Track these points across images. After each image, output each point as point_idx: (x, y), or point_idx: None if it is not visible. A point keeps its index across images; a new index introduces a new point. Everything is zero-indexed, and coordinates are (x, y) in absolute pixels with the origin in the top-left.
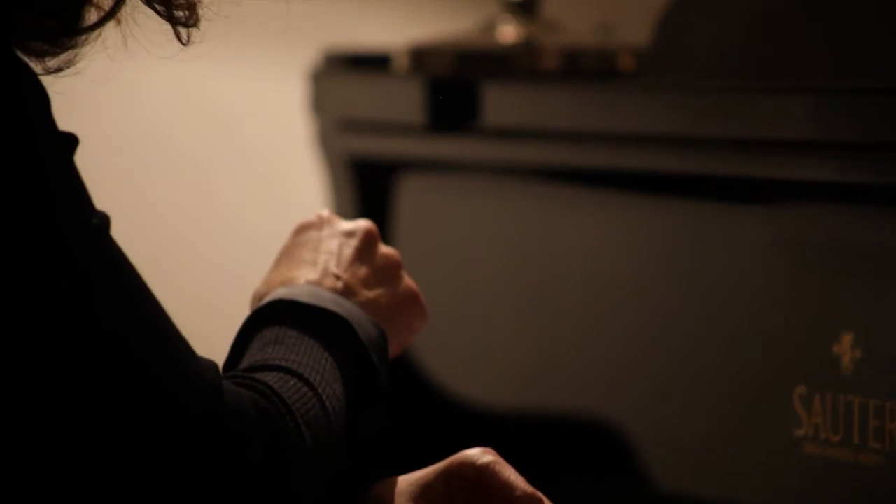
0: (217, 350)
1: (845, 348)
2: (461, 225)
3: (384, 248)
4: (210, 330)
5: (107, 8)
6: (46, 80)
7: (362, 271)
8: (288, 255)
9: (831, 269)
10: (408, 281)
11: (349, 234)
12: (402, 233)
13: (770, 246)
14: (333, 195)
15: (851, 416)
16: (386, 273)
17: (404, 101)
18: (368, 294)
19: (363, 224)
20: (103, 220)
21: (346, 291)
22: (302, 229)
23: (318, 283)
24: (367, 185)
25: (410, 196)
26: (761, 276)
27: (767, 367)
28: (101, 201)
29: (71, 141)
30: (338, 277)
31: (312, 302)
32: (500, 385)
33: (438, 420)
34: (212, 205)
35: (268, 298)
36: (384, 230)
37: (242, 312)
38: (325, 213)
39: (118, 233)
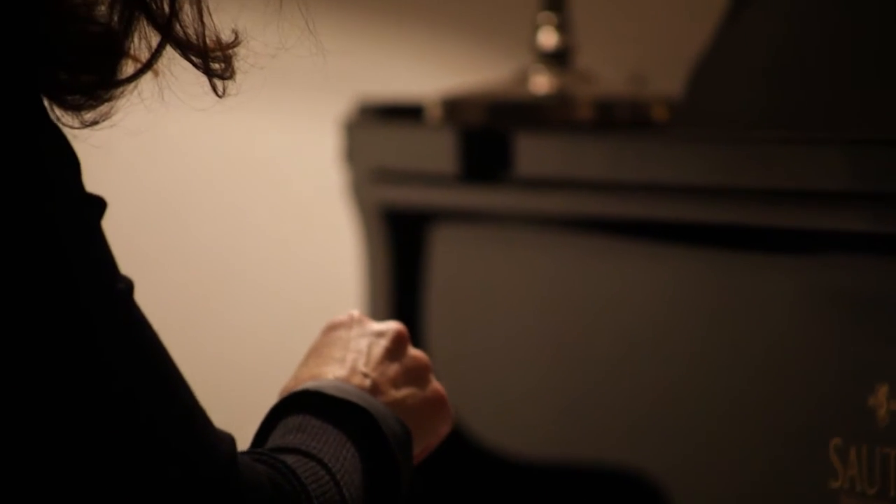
0: (242, 399)
1: (881, 400)
2: (494, 275)
3: (413, 350)
4: (240, 378)
5: (144, 60)
6: (83, 133)
7: (391, 371)
8: (317, 352)
9: (865, 321)
10: (436, 384)
11: (379, 334)
12: (434, 283)
13: (803, 297)
14: (366, 245)
15: (888, 468)
16: (414, 374)
17: (437, 151)
18: (396, 394)
19: (393, 325)
20: (126, 286)
21: (374, 390)
22: (332, 328)
23: (346, 380)
24: (399, 235)
25: (443, 246)
26: (795, 327)
27: (802, 418)
28: (136, 250)
29: (99, 204)
30: (366, 376)
31: (338, 394)
32: (529, 434)
33: (468, 469)
34: (245, 253)
35: (294, 390)
36: (416, 280)
37: (274, 363)
38: (356, 313)
39: (151, 281)
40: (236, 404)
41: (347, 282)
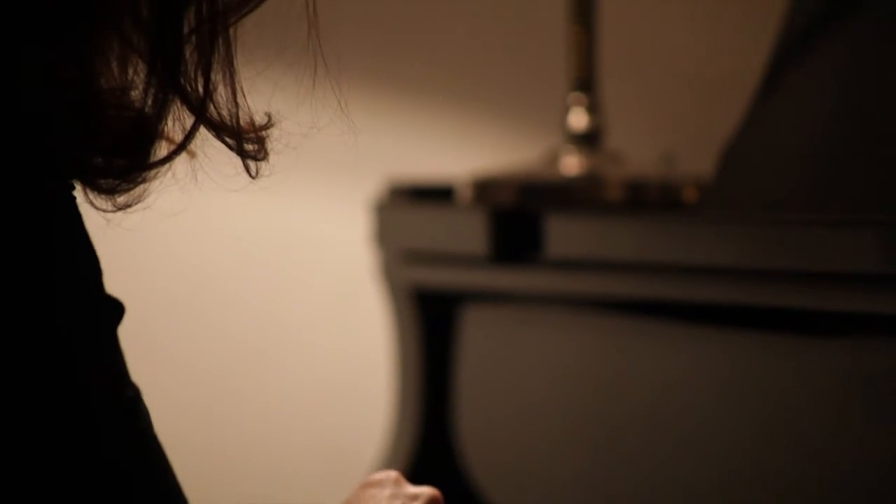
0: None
1: None
2: (524, 355)
3: None
4: (269, 457)
5: (177, 141)
6: (116, 216)
7: None
8: None
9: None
10: None
11: (413, 497)
12: (464, 363)
13: (835, 379)
14: (396, 325)
15: None
16: None
17: (468, 232)
18: None
19: (428, 490)
20: (134, 394)
21: None
22: (368, 485)
23: None
24: (430, 316)
25: (474, 327)
26: (825, 409)
27: (833, 502)
28: (168, 330)
29: (115, 308)
30: None
31: None
32: None
33: None
34: (276, 334)
35: None
36: (447, 360)
37: (305, 443)
38: (394, 473)
39: (182, 361)
40: (266, 484)
41: (378, 362)
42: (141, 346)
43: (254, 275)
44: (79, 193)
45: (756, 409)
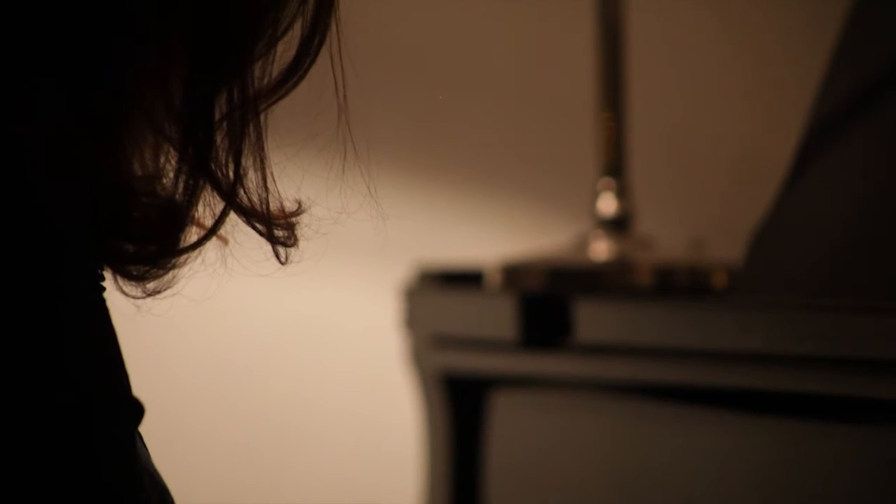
0: None
1: None
2: (555, 441)
3: None
4: None
5: (207, 227)
6: (145, 303)
7: None
8: None
9: None
10: None
11: None
12: (494, 447)
13: (866, 467)
14: (425, 410)
15: None
16: None
17: (497, 317)
18: None
19: None
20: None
21: None
22: None
23: None
24: (459, 401)
25: (503, 412)
26: (858, 498)
27: None
28: (198, 414)
29: (137, 411)
30: None
31: None
32: None
33: None
34: (305, 418)
35: None
36: (476, 446)
37: None
38: None
39: (212, 445)
40: None
41: (407, 447)
42: (171, 430)
43: (283, 360)
44: (108, 281)
45: (784, 495)
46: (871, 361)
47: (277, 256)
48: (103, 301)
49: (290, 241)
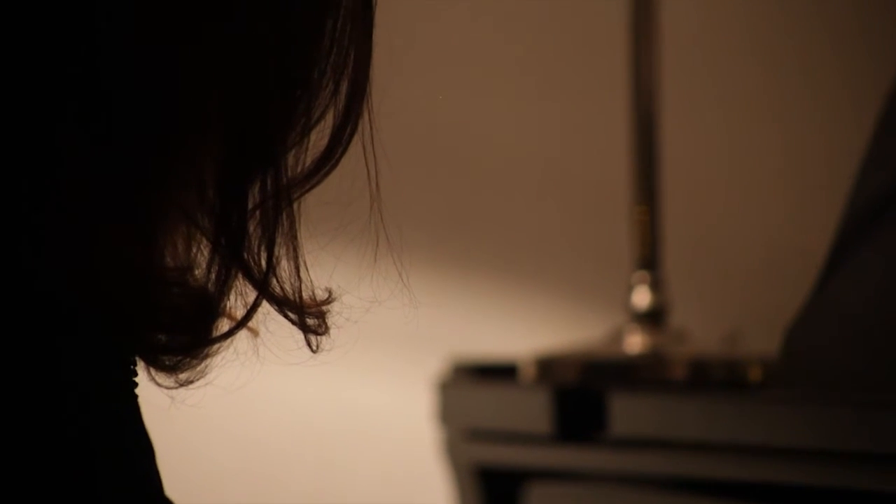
0: None
1: None
2: None
3: None
4: None
5: (239, 317)
6: (178, 394)
7: None
8: None
9: None
10: None
11: None
12: None
13: None
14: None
15: None
16: None
17: (531, 410)
18: None
19: None
20: None
21: None
22: None
23: None
24: (493, 495)
25: None
26: None
27: None
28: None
29: None
30: None
31: None
32: None
33: None
34: None
35: None
36: None
37: None
38: None
39: None
40: None
41: None
42: None
43: (315, 450)
44: (141, 371)
45: None
46: None
47: (309, 345)
48: (134, 396)
49: (322, 329)
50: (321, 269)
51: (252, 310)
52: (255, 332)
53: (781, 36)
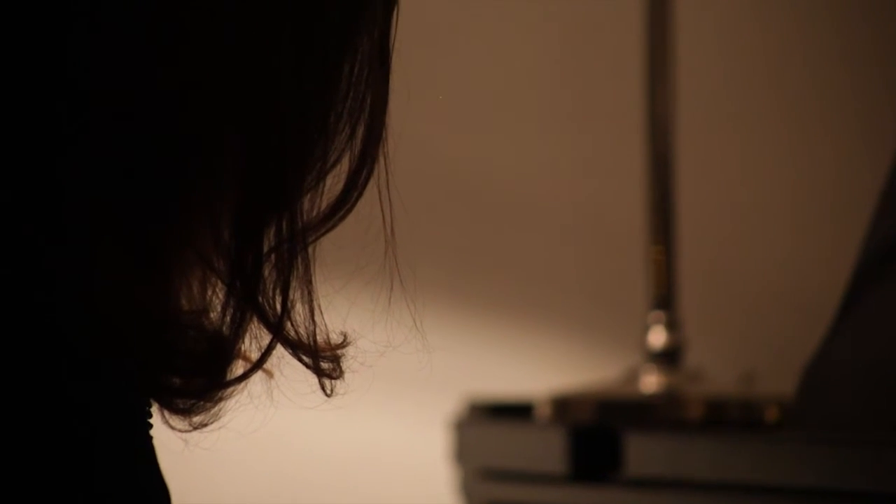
0: None
1: None
2: None
3: None
4: None
5: (253, 360)
6: (192, 437)
7: None
8: None
9: None
10: None
11: None
12: None
13: None
14: None
15: None
16: None
17: (547, 449)
18: None
19: None
20: None
21: None
22: None
23: None
24: None
25: None
26: None
27: None
28: None
29: None
30: None
31: None
32: None
33: None
34: None
35: None
36: None
37: None
38: None
39: None
40: None
41: None
42: None
43: (330, 493)
44: (155, 415)
45: None
46: None
47: (323, 389)
48: (149, 438)
49: (336, 373)
50: (336, 312)
51: (266, 353)
52: (269, 374)
53: (797, 73)
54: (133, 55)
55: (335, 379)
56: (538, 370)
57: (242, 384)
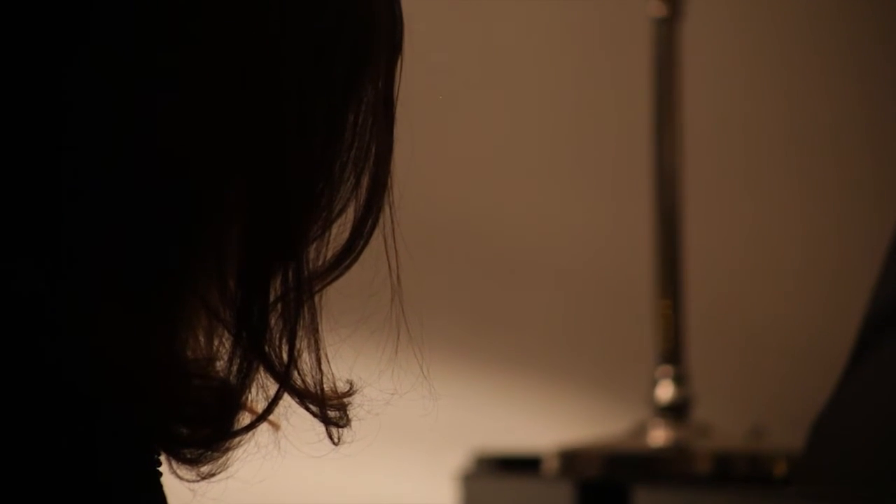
0: None
1: None
2: None
3: None
4: None
5: (261, 410)
6: (200, 487)
7: None
8: None
9: None
10: None
11: None
12: None
13: None
14: None
15: None
16: None
17: (554, 503)
18: None
19: None
20: None
21: None
22: None
23: None
24: None
25: None
26: None
27: None
28: None
29: None
30: None
31: None
32: None
33: None
34: None
35: None
36: None
37: None
38: None
39: None
40: None
41: None
42: None
43: None
44: (163, 464)
45: None
46: None
47: (331, 437)
48: (160, 486)
49: (343, 422)
50: (342, 361)
51: (274, 402)
52: (276, 426)
53: (806, 130)
54: (138, 110)
55: (342, 427)
56: (546, 423)
57: (250, 434)
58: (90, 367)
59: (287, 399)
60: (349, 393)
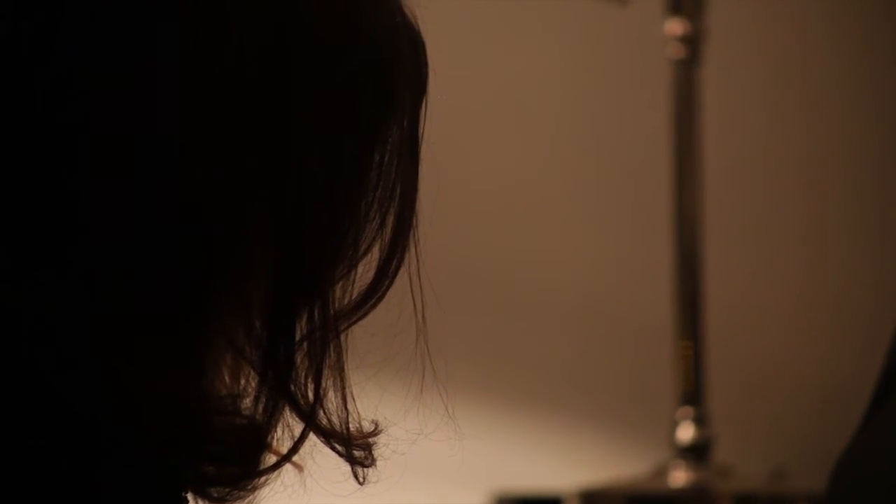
0: None
1: None
2: None
3: None
4: None
5: (286, 449)
6: None
7: None
8: None
9: None
10: None
11: None
12: None
13: None
14: None
15: None
16: None
17: None
18: None
19: None
20: None
21: None
22: None
23: None
24: None
25: None
26: None
27: None
28: None
29: None
30: None
31: None
32: None
33: None
34: None
35: None
36: None
37: None
38: None
39: None
40: None
41: None
42: None
43: None
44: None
45: None
46: None
47: (356, 476)
48: None
49: (369, 461)
50: (367, 400)
51: (299, 442)
52: (300, 468)
53: (826, 173)
54: (163, 151)
55: (367, 467)
56: (567, 464)
57: (276, 473)
58: (117, 407)
59: (312, 438)
60: (374, 432)
